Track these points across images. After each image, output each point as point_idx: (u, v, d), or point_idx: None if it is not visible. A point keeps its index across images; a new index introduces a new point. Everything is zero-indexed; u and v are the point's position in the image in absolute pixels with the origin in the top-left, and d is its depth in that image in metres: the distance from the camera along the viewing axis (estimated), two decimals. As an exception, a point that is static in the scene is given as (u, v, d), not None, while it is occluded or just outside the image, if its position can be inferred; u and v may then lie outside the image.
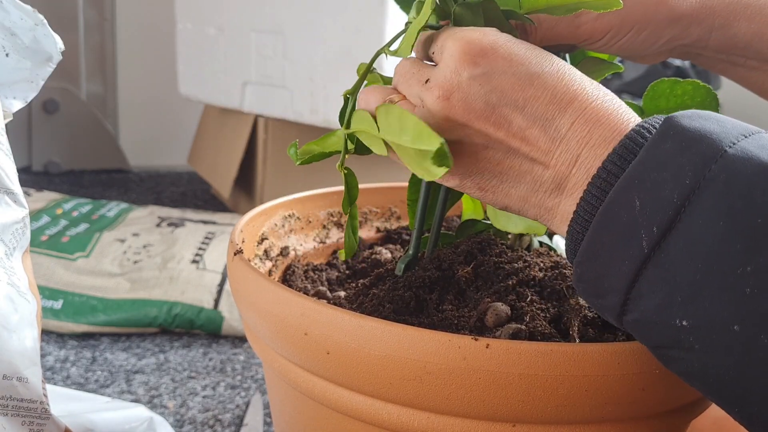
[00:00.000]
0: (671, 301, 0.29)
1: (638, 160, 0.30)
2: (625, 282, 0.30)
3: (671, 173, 0.29)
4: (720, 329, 0.27)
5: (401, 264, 0.46)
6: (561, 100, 0.34)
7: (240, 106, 1.16)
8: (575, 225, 0.33)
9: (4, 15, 0.46)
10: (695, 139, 0.29)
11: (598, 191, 0.31)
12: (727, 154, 0.28)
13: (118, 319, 0.81)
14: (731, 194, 0.28)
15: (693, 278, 0.28)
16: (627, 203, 0.30)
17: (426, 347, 0.34)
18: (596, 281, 0.32)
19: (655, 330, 0.30)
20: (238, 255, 0.44)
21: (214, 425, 0.64)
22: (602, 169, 0.32)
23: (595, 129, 0.33)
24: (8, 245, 0.44)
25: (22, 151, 1.50)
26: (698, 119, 0.30)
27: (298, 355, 0.38)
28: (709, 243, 0.28)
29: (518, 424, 0.35)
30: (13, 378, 0.42)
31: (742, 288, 0.27)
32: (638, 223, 0.29)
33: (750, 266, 0.27)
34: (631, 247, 0.29)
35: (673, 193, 0.29)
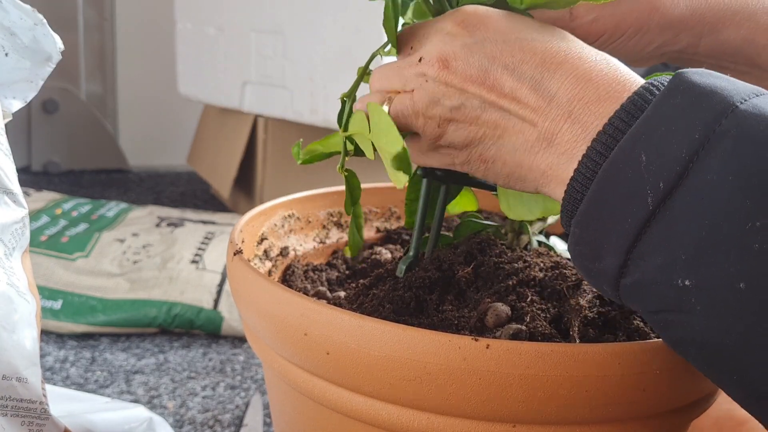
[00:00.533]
0: (674, 261, 0.28)
1: (646, 114, 0.30)
2: (627, 241, 0.29)
3: (680, 128, 0.28)
4: (724, 288, 0.27)
5: (402, 265, 0.46)
6: (551, 62, 0.34)
7: (240, 106, 1.15)
8: (575, 184, 0.32)
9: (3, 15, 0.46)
10: (706, 94, 0.29)
11: (603, 148, 0.31)
12: (738, 109, 0.28)
13: (118, 319, 0.81)
14: (742, 149, 0.27)
15: (699, 235, 0.27)
16: (633, 159, 0.29)
17: (426, 348, 0.34)
18: (595, 242, 0.31)
19: (654, 292, 0.29)
20: (237, 255, 0.44)
21: (213, 426, 0.64)
22: (609, 125, 0.31)
23: (587, 86, 0.33)
24: (7, 245, 0.44)
25: (21, 151, 1.50)
26: (709, 76, 0.30)
27: (298, 356, 0.38)
28: (717, 199, 0.27)
29: (518, 424, 0.35)
30: (13, 378, 0.41)
31: (750, 244, 0.26)
32: (644, 180, 0.28)
33: (759, 221, 0.26)
34: (636, 205, 0.29)
35: (682, 148, 0.28)
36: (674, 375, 0.35)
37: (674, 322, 0.29)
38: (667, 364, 0.34)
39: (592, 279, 0.32)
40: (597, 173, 0.31)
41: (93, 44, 1.57)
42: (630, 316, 0.42)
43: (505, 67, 0.35)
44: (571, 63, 0.34)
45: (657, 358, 0.34)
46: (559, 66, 0.34)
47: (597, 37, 0.41)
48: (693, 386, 0.37)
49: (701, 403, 0.40)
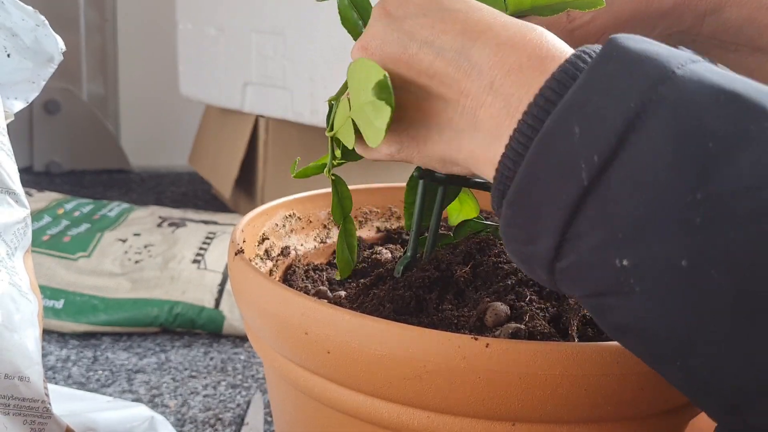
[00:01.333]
0: (612, 239, 0.26)
1: (578, 84, 0.27)
2: (562, 220, 0.27)
3: (614, 96, 0.26)
4: (665, 266, 0.24)
5: (400, 266, 0.46)
6: (472, 31, 0.32)
7: (241, 107, 1.16)
8: (507, 161, 0.29)
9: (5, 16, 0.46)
10: (641, 60, 0.27)
11: (534, 121, 0.28)
12: (675, 75, 0.26)
13: (120, 318, 0.81)
14: (680, 117, 0.25)
15: (637, 211, 0.25)
16: (566, 131, 0.27)
17: (426, 347, 0.34)
18: (528, 223, 0.28)
19: (591, 274, 0.27)
20: (238, 255, 0.44)
21: (215, 424, 0.64)
22: (539, 96, 0.29)
23: (510, 52, 0.31)
24: (10, 245, 0.44)
25: (23, 152, 1.50)
26: (643, 42, 0.28)
27: (299, 355, 0.38)
28: (655, 171, 0.25)
29: (518, 423, 0.35)
30: (15, 377, 0.42)
31: (691, 218, 0.24)
32: (578, 153, 0.26)
33: (700, 193, 0.24)
34: (570, 180, 0.26)
35: (617, 118, 0.26)
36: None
37: (612, 305, 0.27)
38: (666, 362, 0.35)
39: (525, 264, 0.30)
40: (527, 148, 0.28)
41: (94, 45, 1.57)
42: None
43: (424, 42, 0.33)
44: (494, 31, 0.32)
45: (655, 356, 0.34)
46: (481, 34, 0.32)
47: (598, 36, 0.41)
48: (691, 385, 0.37)
49: (700, 402, 0.40)
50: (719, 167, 0.24)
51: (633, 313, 0.26)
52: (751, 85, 0.26)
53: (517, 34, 0.31)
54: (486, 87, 0.31)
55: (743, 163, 0.24)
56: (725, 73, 0.27)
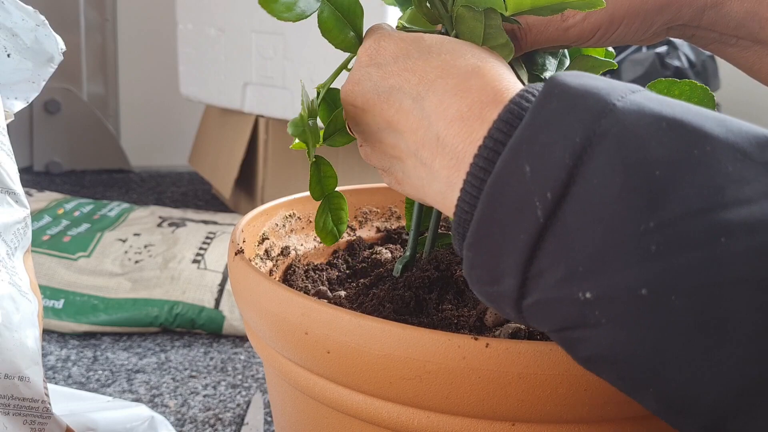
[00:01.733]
0: (573, 273, 0.26)
1: (523, 123, 0.28)
2: (522, 258, 0.27)
3: (560, 133, 0.27)
4: (626, 296, 0.25)
5: (398, 265, 0.46)
6: (427, 79, 0.34)
7: (241, 107, 1.16)
8: (463, 205, 0.30)
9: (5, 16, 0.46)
10: (582, 95, 0.27)
11: (485, 163, 0.29)
12: (616, 107, 0.26)
13: (120, 318, 0.81)
14: (625, 148, 0.25)
15: (594, 243, 0.25)
16: (517, 171, 0.27)
17: (426, 346, 0.34)
18: (490, 264, 0.29)
19: (557, 310, 0.27)
20: (238, 255, 0.44)
21: (215, 424, 0.64)
22: (489, 138, 0.29)
23: (451, 103, 0.32)
24: (10, 245, 0.44)
25: (23, 152, 1.50)
26: (582, 77, 0.28)
27: (299, 355, 0.38)
28: (607, 203, 0.25)
29: (517, 423, 0.35)
30: (15, 377, 0.42)
31: (646, 246, 0.24)
32: (531, 191, 0.27)
33: (653, 222, 0.24)
34: (526, 219, 0.27)
35: (564, 154, 0.26)
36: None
37: (581, 339, 0.27)
38: (666, 362, 0.35)
39: (493, 303, 0.30)
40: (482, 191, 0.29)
41: (94, 45, 1.57)
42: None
43: (392, 89, 0.35)
44: (444, 79, 0.33)
45: (655, 356, 0.34)
46: (433, 83, 0.33)
47: (592, 33, 0.41)
48: (691, 385, 0.37)
49: (700, 402, 0.40)
50: (667, 194, 0.24)
51: (601, 344, 0.26)
52: (689, 109, 0.26)
53: (460, 83, 0.33)
54: (434, 138, 0.32)
55: (690, 187, 0.24)
56: (664, 100, 0.27)
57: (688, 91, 0.44)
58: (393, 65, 0.36)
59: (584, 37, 0.41)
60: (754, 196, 0.24)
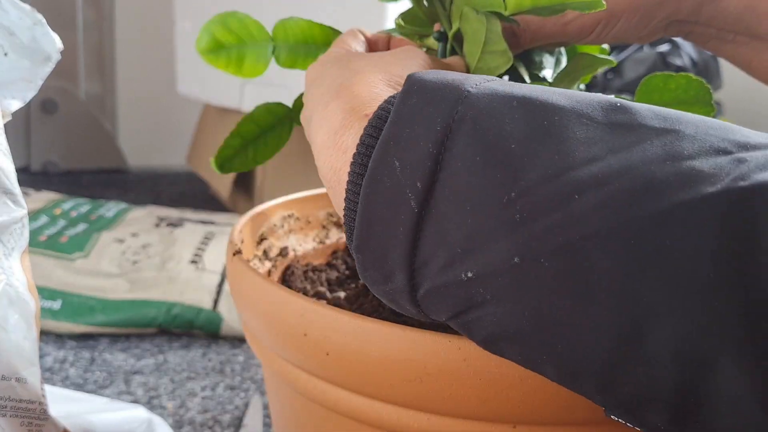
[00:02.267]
0: (453, 256, 0.27)
1: (388, 123, 0.29)
2: (406, 251, 0.28)
3: (422, 125, 0.28)
4: (503, 268, 0.26)
5: None
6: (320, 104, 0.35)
7: (239, 106, 1.15)
8: (348, 212, 0.31)
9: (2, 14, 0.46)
10: (438, 88, 0.29)
11: (360, 168, 0.30)
12: (471, 93, 0.28)
13: (117, 319, 0.81)
14: (482, 129, 0.27)
15: (466, 224, 0.26)
16: (387, 167, 0.28)
17: (426, 348, 0.34)
18: (379, 263, 0.29)
19: (447, 295, 0.28)
20: (237, 255, 0.44)
21: (213, 426, 0.64)
22: (360, 144, 0.30)
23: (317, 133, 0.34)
24: (7, 245, 0.44)
25: (20, 151, 1.50)
26: (438, 74, 0.30)
27: (298, 356, 0.38)
28: (471, 183, 0.26)
29: (519, 425, 0.35)
30: (12, 378, 0.41)
31: (511, 216, 0.25)
32: (402, 184, 0.28)
33: (514, 192, 0.26)
34: (402, 211, 0.28)
35: (428, 143, 0.27)
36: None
37: (473, 320, 0.28)
38: (668, 364, 0.34)
39: (393, 303, 0.31)
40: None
41: (92, 44, 1.57)
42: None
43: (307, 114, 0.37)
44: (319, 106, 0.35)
45: (658, 358, 0.34)
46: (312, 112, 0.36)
47: (591, 29, 0.41)
48: (694, 387, 0.37)
49: (702, 404, 0.40)
50: (524, 164, 0.26)
51: (491, 321, 0.27)
52: (539, 89, 0.28)
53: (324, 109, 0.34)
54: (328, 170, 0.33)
55: (543, 154, 0.26)
56: (515, 84, 0.29)
57: (684, 84, 0.44)
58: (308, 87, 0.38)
59: (584, 32, 0.41)
60: (601, 153, 0.25)
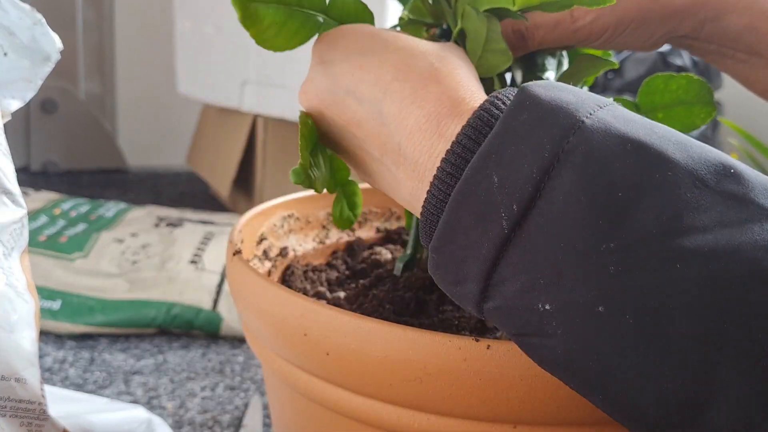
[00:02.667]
0: (534, 285, 0.27)
1: (494, 133, 0.28)
2: (486, 266, 0.28)
3: (529, 146, 0.27)
4: (584, 311, 0.26)
5: (399, 263, 0.46)
6: (383, 81, 0.33)
7: (239, 106, 1.15)
8: (429, 206, 0.30)
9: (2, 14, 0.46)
10: (552, 109, 0.28)
11: (452, 168, 0.29)
12: (584, 125, 0.27)
13: (117, 319, 0.81)
14: (590, 167, 0.26)
15: (555, 258, 0.26)
16: (484, 180, 0.28)
17: (426, 348, 0.34)
18: (454, 268, 0.29)
19: (516, 316, 0.28)
20: (236, 255, 0.44)
21: (212, 426, 0.64)
22: (456, 143, 0.30)
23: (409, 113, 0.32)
24: (6, 245, 0.44)
25: (20, 151, 1.50)
26: (553, 89, 0.29)
27: (298, 356, 0.38)
28: (570, 220, 0.26)
29: (519, 425, 0.35)
30: (11, 379, 0.41)
31: (605, 266, 0.25)
32: (497, 202, 0.27)
33: (613, 242, 0.25)
34: (491, 228, 0.27)
35: (532, 168, 0.27)
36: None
37: (537, 345, 0.28)
38: (669, 364, 0.34)
39: (457, 300, 0.31)
40: (449, 195, 0.29)
41: (92, 44, 1.57)
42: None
43: (347, 90, 0.35)
44: (399, 82, 0.33)
45: (658, 358, 0.34)
46: (389, 86, 0.33)
47: (600, 35, 0.41)
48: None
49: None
50: (628, 215, 0.26)
51: (556, 352, 0.28)
52: (654, 131, 0.27)
53: (417, 88, 0.32)
54: (396, 148, 0.32)
55: (649, 211, 0.25)
56: (630, 118, 0.28)
57: (685, 84, 0.44)
58: (345, 63, 0.35)
59: (592, 38, 0.41)
60: (709, 224, 0.25)
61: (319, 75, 0.36)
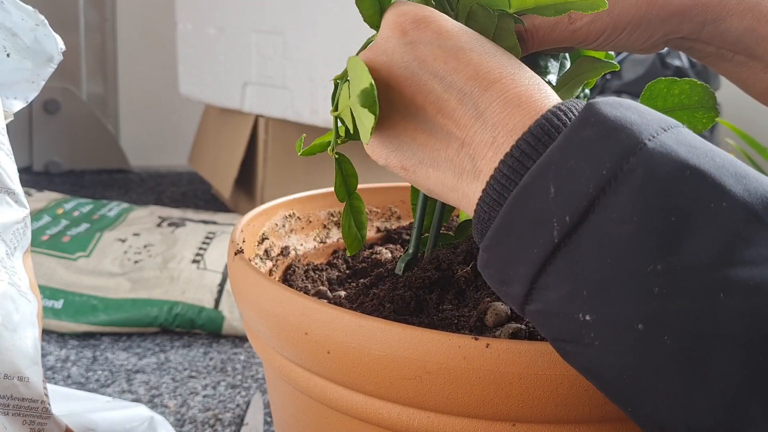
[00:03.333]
0: (576, 295, 0.28)
1: (557, 145, 0.29)
2: (532, 271, 0.29)
3: (589, 162, 0.28)
4: (623, 327, 0.27)
5: (401, 263, 0.46)
6: (484, 79, 0.33)
7: (240, 107, 1.16)
8: (483, 205, 0.31)
9: (5, 15, 0.46)
10: (616, 128, 0.28)
11: (510, 171, 0.30)
12: (646, 147, 0.28)
13: (119, 318, 0.81)
14: (647, 190, 0.27)
15: (601, 273, 0.27)
16: (541, 189, 0.29)
17: (426, 347, 0.34)
18: (502, 268, 0.30)
19: (556, 322, 0.29)
20: (238, 255, 0.44)
21: (214, 425, 0.64)
22: (516, 148, 0.30)
23: (514, 113, 0.32)
24: (9, 245, 0.44)
25: (23, 151, 1.50)
26: (619, 107, 0.30)
27: (299, 355, 0.38)
28: (620, 238, 0.27)
29: (518, 423, 0.35)
30: (14, 377, 0.42)
31: (650, 286, 0.26)
32: (551, 211, 0.28)
33: (660, 265, 0.26)
34: (541, 236, 0.28)
35: (589, 183, 0.28)
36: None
37: (573, 352, 0.29)
38: (666, 363, 0.35)
39: (502, 298, 0.32)
40: (504, 197, 0.30)
41: (94, 45, 1.57)
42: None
43: (435, 74, 0.34)
44: (504, 83, 0.33)
45: (656, 357, 0.34)
46: (492, 84, 0.33)
47: (597, 36, 0.41)
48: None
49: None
50: (679, 242, 0.26)
51: (591, 361, 0.28)
52: (714, 159, 0.28)
53: (524, 94, 0.33)
54: (489, 142, 0.32)
55: (701, 240, 0.26)
56: (692, 144, 0.28)
57: (688, 89, 0.44)
58: (437, 49, 0.35)
59: (589, 39, 0.41)
60: (759, 259, 0.25)
61: (400, 50, 0.35)
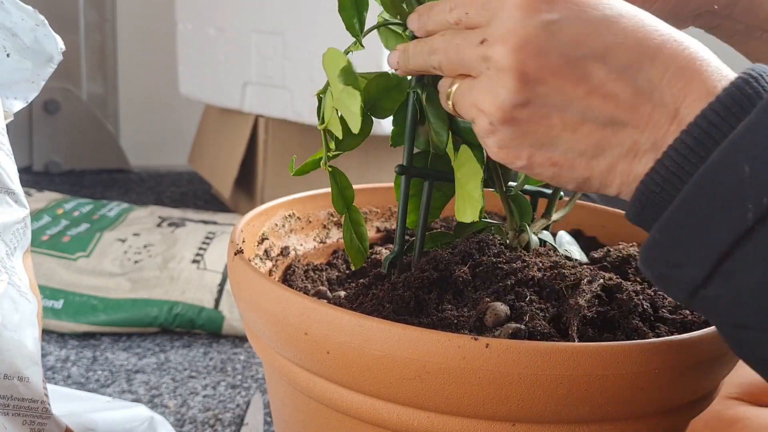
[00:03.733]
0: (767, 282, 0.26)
1: (752, 120, 0.27)
2: (717, 254, 0.27)
3: None
4: None
5: (385, 262, 0.46)
6: (648, 47, 0.29)
7: (240, 107, 1.16)
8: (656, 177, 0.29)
9: (5, 16, 0.46)
10: None
11: (695, 143, 0.28)
12: None
13: (119, 318, 0.81)
14: None
15: None
16: (734, 168, 0.26)
17: (426, 347, 0.34)
18: (678, 249, 0.28)
19: (740, 308, 0.27)
20: (238, 255, 0.44)
21: (214, 425, 0.64)
22: (702, 118, 0.28)
23: (694, 81, 0.29)
24: (9, 245, 0.44)
25: (23, 151, 1.50)
26: None
27: (299, 355, 0.38)
28: None
29: (518, 423, 0.35)
30: (14, 377, 0.42)
31: None
32: (745, 193, 0.26)
33: None
34: (734, 218, 0.26)
35: None
36: (673, 374, 0.35)
37: (755, 340, 0.27)
38: (666, 363, 0.35)
39: (661, 282, 0.30)
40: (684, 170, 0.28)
41: (94, 45, 1.57)
42: (629, 315, 0.42)
43: (594, 55, 0.29)
44: (670, 47, 0.29)
45: (655, 357, 0.34)
46: (658, 51, 0.29)
47: None
48: (691, 385, 0.37)
49: (700, 403, 0.40)
50: None
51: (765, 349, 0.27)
52: None
53: (696, 59, 0.29)
54: (671, 114, 0.29)
55: None
56: None
57: None
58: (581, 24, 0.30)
59: None
60: None
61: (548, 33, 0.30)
